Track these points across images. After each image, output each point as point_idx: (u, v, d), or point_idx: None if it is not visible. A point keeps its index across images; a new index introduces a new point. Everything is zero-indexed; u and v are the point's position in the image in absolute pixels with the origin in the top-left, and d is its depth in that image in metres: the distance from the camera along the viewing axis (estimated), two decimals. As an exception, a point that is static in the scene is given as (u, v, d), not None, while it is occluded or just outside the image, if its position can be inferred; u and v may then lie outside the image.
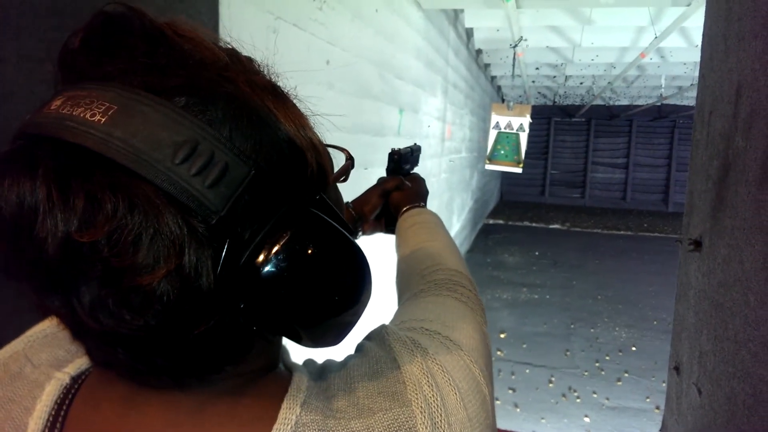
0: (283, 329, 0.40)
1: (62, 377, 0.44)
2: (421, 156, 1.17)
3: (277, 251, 0.36)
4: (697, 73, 6.96)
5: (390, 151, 1.07)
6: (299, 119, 0.42)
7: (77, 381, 0.44)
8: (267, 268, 0.36)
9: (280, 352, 0.48)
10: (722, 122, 0.99)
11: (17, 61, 0.94)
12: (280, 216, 0.37)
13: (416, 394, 0.42)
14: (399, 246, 0.92)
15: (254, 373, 0.43)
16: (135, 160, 0.32)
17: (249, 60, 0.43)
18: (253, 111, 0.37)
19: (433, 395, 0.43)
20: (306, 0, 2.12)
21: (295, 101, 0.45)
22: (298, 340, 0.41)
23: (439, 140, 5.06)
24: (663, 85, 8.50)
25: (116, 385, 0.41)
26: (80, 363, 0.45)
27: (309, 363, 0.51)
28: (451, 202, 6.30)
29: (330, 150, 0.50)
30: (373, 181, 1.09)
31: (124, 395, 0.40)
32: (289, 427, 0.38)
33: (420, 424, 0.40)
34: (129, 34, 0.36)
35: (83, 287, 0.32)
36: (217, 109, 0.35)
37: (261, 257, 0.36)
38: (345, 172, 0.53)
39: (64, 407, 0.42)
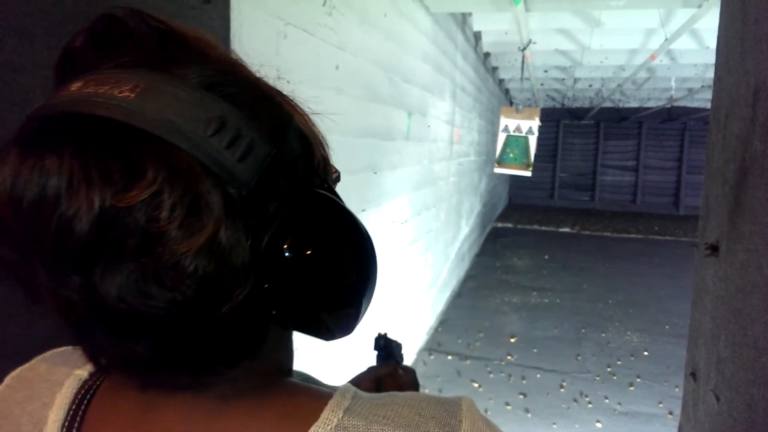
0: (303, 313, 0.39)
1: (81, 373, 0.44)
2: (429, 160, 1.17)
3: (301, 230, 0.37)
4: (708, 75, 6.92)
5: (377, 335, 1.07)
6: (305, 115, 0.44)
7: (96, 378, 0.44)
8: (292, 247, 0.36)
9: (292, 361, 0.48)
10: (739, 125, 0.97)
11: (32, 69, 0.94)
12: (300, 196, 0.38)
13: None
14: None
15: (271, 375, 0.43)
16: (170, 131, 0.32)
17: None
18: (268, 97, 0.39)
19: None
20: (315, 5, 2.13)
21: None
22: (314, 328, 0.41)
23: (447, 144, 5.06)
24: (673, 87, 8.45)
25: (133, 387, 0.40)
26: None
27: None
28: (459, 206, 6.28)
29: None
30: (383, 185, 1.08)
31: (141, 396, 0.40)
32: (330, 428, 0.38)
33: None
34: (139, 31, 0.36)
35: (112, 263, 0.31)
36: (239, 92, 0.36)
37: (285, 236, 0.36)
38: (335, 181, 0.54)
39: (84, 402, 0.43)
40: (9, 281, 0.34)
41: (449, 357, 4.63)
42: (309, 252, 0.37)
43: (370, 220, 2.93)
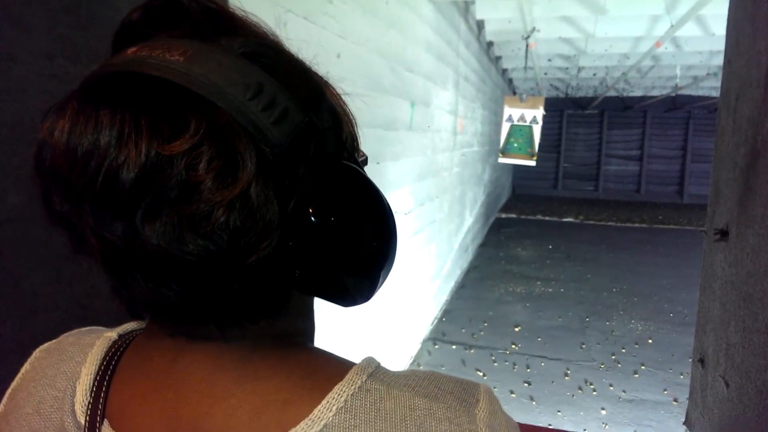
0: (322, 275, 0.41)
1: (111, 335, 0.48)
2: (433, 151, 1.16)
3: (327, 196, 0.40)
4: (713, 62, 6.86)
5: None
6: (337, 94, 0.48)
7: (125, 338, 0.48)
8: (317, 210, 0.39)
9: (313, 332, 0.51)
10: (750, 108, 0.96)
11: (29, 58, 0.93)
12: (328, 165, 0.41)
13: (483, 420, 0.41)
14: None
15: (294, 338, 0.46)
16: (214, 92, 0.35)
17: None
18: (304, 71, 0.43)
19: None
20: (317, -8, 2.10)
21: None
22: (332, 292, 0.43)
23: (450, 134, 5.03)
24: (678, 75, 8.39)
25: (164, 338, 0.43)
26: (127, 326, 0.49)
27: None
28: (463, 197, 6.26)
29: None
30: (386, 175, 1.08)
31: (172, 346, 0.43)
32: (354, 388, 0.40)
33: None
34: (189, 8, 0.41)
35: (153, 209, 0.34)
36: (277, 64, 0.40)
37: (312, 199, 0.39)
38: (364, 163, 0.57)
39: (116, 356, 0.46)
40: (58, 228, 0.38)
41: (453, 347, 4.63)
42: (333, 216, 0.39)
43: (374, 210, 2.90)
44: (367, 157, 0.55)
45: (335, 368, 0.43)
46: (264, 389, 0.40)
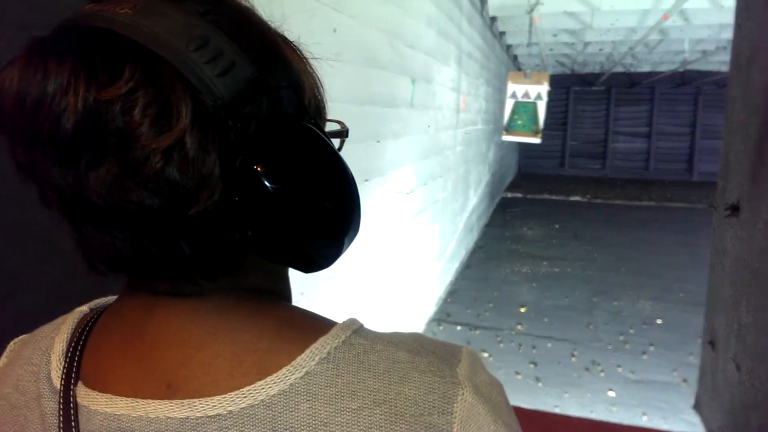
0: (274, 236, 0.41)
1: (83, 308, 0.50)
2: (435, 129, 1.10)
3: (277, 154, 0.39)
4: (722, 36, 6.69)
5: None
6: (303, 57, 0.47)
7: (97, 311, 0.49)
8: (266, 168, 0.38)
9: (290, 290, 0.51)
10: (763, 74, 0.88)
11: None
12: (283, 124, 0.41)
13: (465, 376, 0.42)
14: None
15: (269, 295, 0.46)
16: (154, 42, 0.36)
17: None
18: (263, 30, 0.43)
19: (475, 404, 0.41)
20: (308, -37, 2.02)
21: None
22: (287, 256, 0.43)
23: (453, 112, 4.94)
24: (686, 50, 8.21)
25: (135, 296, 0.44)
26: (99, 301, 0.51)
27: None
28: (467, 176, 6.19)
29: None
30: (387, 154, 1.03)
31: (144, 303, 0.43)
32: (338, 341, 0.41)
33: (460, 398, 0.40)
34: None
35: (95, 157, 0.35)
36: (229, 20, 0.40)
37: (261, 156, 0.38)
38: (339, 135, 0.55)
39: (90, 324, 0.47)
40: (26, 180, 0.39)
41: (458, 327, 4.60)
42: (281, 176, 0.39)
43: (375, 191, 2.86)
44: (347, 129, 0.54)
45: (318, 324, 0.43)
46: (242, 339, 0.41)
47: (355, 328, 0.43)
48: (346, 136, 0.55)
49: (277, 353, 0.40)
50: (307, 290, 2.17)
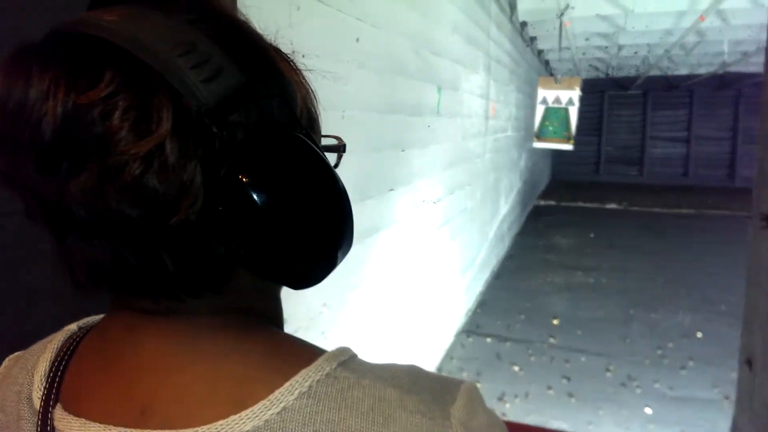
0: (261, 251, 0.40)
1: (72, 327, 0.49)
2: (463, 136, 1.07)
3: (265, 164, 0.38)
4: (763, 37, 6.44)
5: None
6: (296, 69, 0.47)
7: (86, 329, 0.48)
8: (252, 178, 0.37)
9: (280, 311, 0.49)
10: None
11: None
12: (272, 134, 0.39)
13: (458, 419, 0.39)
14: None
15: (256, 318, 0.44)
16: (138, 46, 0.35)
17: None
18: (251, 39, 0.42)
19: None
20: (328, -29, 2.01)
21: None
22: (275, 271, 0.41)
23: (482, 119, 4.87)
24: (726, 51, 7.94)
25: (118, 315, 0.43)
26: (89, 319, 0.50)
27: None
28: (497, 184, 6.10)
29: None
30: (413, 163, 1.00)
31: (126, 322, 0.42)
32: (321, 374, 0.38)
33: None
34: None
35: (76, 163, 0.34)
36: (218, 28, 0.39)
37: (247, 166, 0.37)
38: (336, 150, 0.54)
39: (75, 343, 0.46)
40: (10, 191, 0.38)
41: (488, 339, 4.50)
42: (267, 187, 0.38)
43: (399, 200, 2.82)
44: (344, 145, 0.53)
45: (302, 353, 0.41)
46: (220, 365, 0.39)
47: (342, 360, 0.40)
48: (343, 151, 0.54)
49: (255, 383, 0.38)
50: (331, 301, 2.14)
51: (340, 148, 0.54)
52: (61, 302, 0.98)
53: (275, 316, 0.48)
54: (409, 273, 3.09)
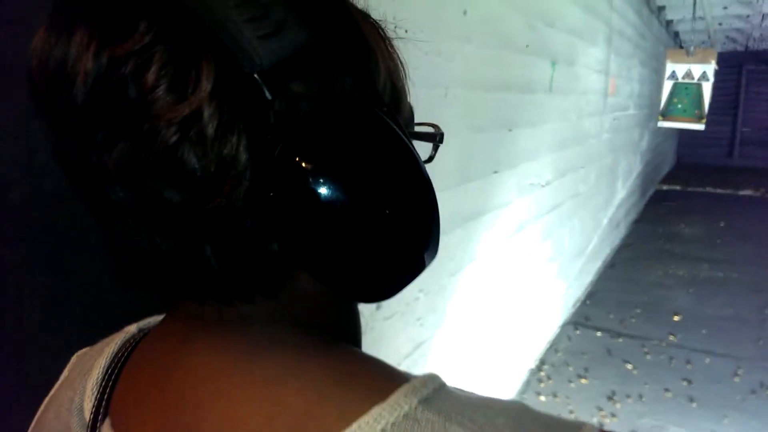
0: (323, 254, 0.33)
1: (131, 328, 0.46)
2: (578, 115, 0.94)
3: (331, 143, 0.32)
4: None
5: None
6: (382, 38, 0.39)
7: (146, 331, 0.45)
8: (312, 161, 0.31)
9: (357, 325, 0.43)
10: None
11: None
12: (340, 103, 0.33)
13: None
14: None
15: (322, 334, 0.38)
16: None
17: None
18: None
19: None
20: (433, -62, 1.89)
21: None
22: (341, 281, 0.35)
23: (600, 96, 4.51)
24: None
25: (171, 322, 0.41)
26: (150, 319, 0.47)
27: None
28: (615, 166, 5.68)
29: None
30: (520, 143, 0.89)
31: (177, 332, 0.39)
32: (397, 414, 0.31)
33: None
34: None
35: (111, 131, 0.30)
36: None
37: (309, 146, 0.31)
38: (431, 140, 0.45)
39: (130, 349, 0.43)
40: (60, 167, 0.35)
41: (598, 333, 4.22)
42: (334, 173, 0.31)
43: (504, 183, 2.67)
44: (442, 134, 0.45)
45: (378, 382, 0.34)
46: (277, 395, 0.33)
47: (425, 395, 0.32)
48: (440, 141, 0.45)
49: (316, 420, 0.31)
50: (428, 287, 2.07)
51: (436, 138, 0.45)
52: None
53: (350, 331, 0.42)
54: (511, 259, 2.95)
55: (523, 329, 3.35)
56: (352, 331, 0.42)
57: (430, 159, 0.45)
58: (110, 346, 0.45)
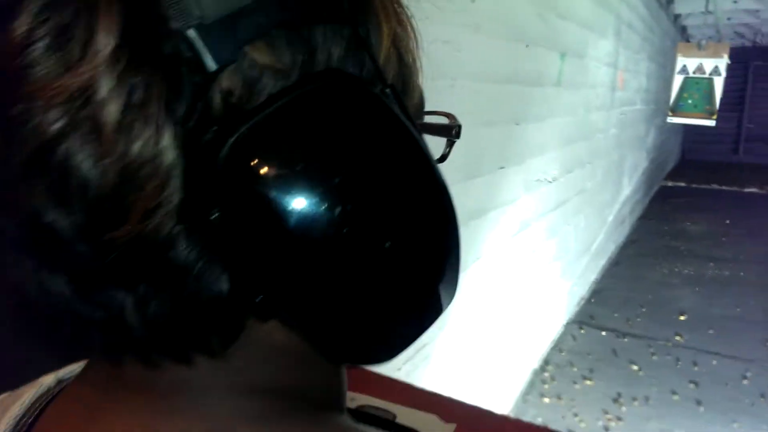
0: (297, 296, 0.23)
1: (49, 379, 0.36)
2: (586, 110, 0.84)
3: (306, 138, 0.22)
4: None
5: None
6: (401, 9, 0.30)
7: (63, 384, 0.36)
8: (279, 164, 0.21)
9: (342, 387, 0.32)
10: None
11: None
12: (323, 81, 0.23)
13: None
14: None
15: (286, 397, 0.28)
16: None
17: None
18: None
19: None
20: None
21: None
22: (317, 333, 0.25)
23: (608, 90, 4.41)
24: None
25: (86, 379, 0.32)
26: (75, 367, 0.37)
27: None
28: (621, 162, 5.59)
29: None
30: (527, 138, 0.79)
31: (90, 395, 0.30)
32: None
33: None
34: None
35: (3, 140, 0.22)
36: None
37: (272, 143, 0.21)
38: (446, 134, 0.36)
39: (46, 402, 0.34)
40: None
41: (603, 333, 4.14)
42: (311, 182, 0.21)
43: (510, 179, 2.59)
44: (459, 127, 0.36)
45: None
46: None
47: None
48: (456, 136, 0.36)
49: None
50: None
51: (452, 131, 0.36)
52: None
53: (332, 396, 0.31)
54: (516, 258, 2.86)
55: (527, 329, 3.28)
56: (333, 394, 0.32)
57: (443, 158, 0.35)
58: (16, 404, 0.35)
